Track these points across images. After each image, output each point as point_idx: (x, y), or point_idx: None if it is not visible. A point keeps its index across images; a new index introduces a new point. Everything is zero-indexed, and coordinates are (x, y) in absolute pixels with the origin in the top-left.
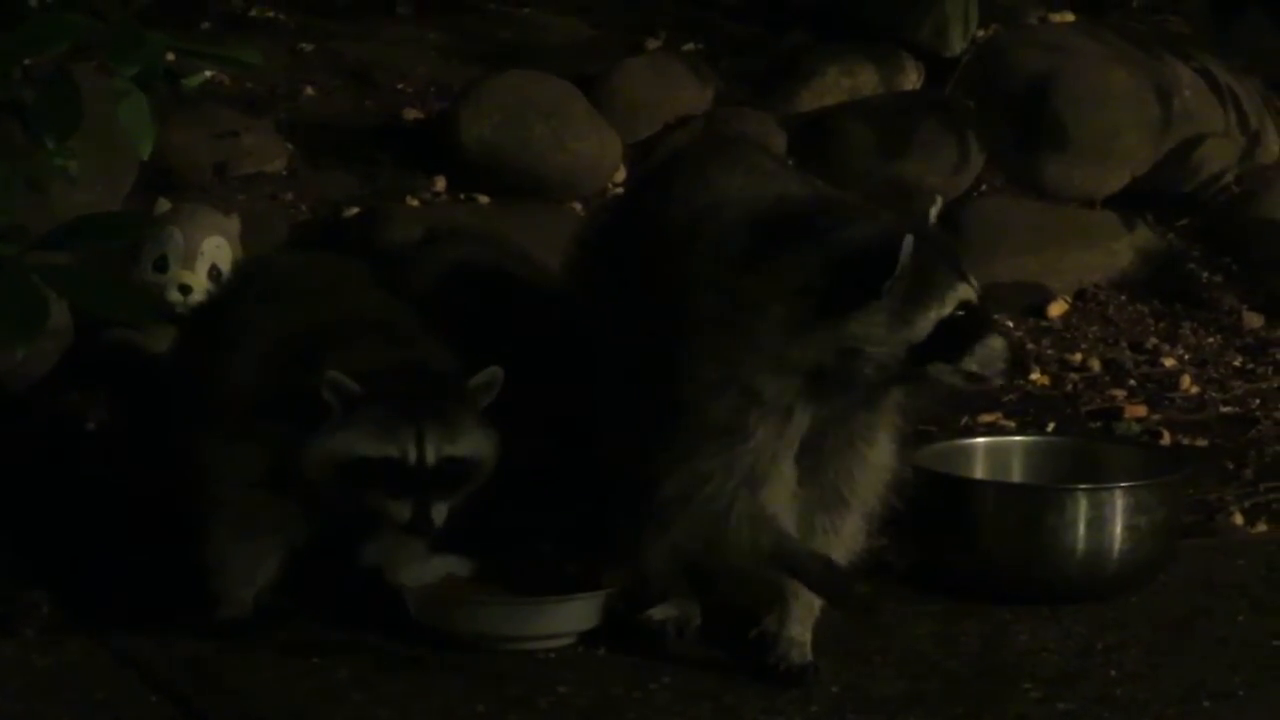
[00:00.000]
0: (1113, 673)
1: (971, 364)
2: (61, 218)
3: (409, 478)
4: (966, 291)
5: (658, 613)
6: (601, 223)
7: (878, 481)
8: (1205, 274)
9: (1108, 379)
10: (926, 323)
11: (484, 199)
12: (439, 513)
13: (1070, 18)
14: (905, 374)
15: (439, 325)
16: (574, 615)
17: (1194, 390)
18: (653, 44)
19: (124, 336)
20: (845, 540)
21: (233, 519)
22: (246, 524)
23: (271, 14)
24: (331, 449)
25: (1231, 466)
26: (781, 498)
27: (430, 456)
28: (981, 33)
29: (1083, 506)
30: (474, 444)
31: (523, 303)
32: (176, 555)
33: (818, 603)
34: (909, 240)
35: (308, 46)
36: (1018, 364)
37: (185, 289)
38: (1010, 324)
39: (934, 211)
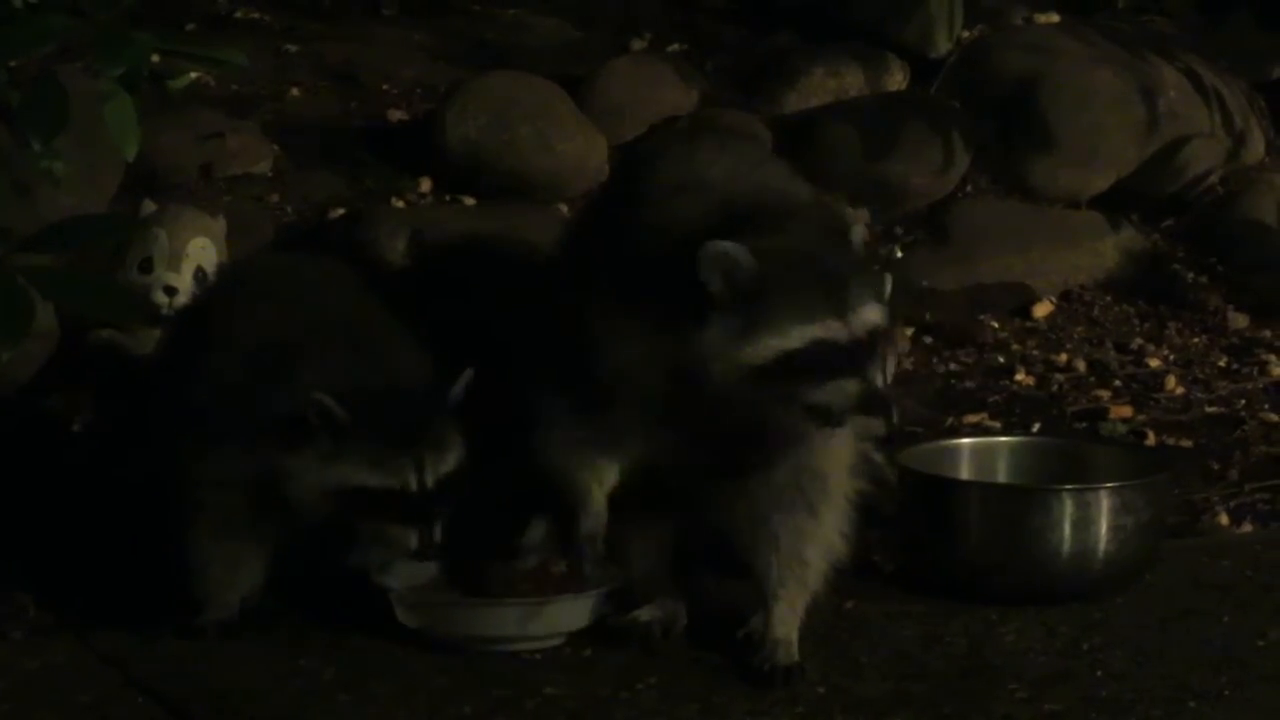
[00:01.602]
0: (1099, 673)
1: (813, 398)
2: (47, 219)
3: (411, 506)
4: (825, 330)
5: (644, 614)
6: (589, 206)
7: (837, 478)
8: (1190, 274)
9: (1093, 379)
10: (765, 349)
11: (469, 200)
12: (439, 531)
13: (1055, 18)
14: (749, 394)
15: (422, 329)
16: (560, 616)
17: (1179, 391)
18: (638, 45)
19: (109, 338)
20: (807, 538)
21: (215, 522)
22: (229, 527)
23: (256, 15)
24: (325, 477)
25: (1217, 467)
26: (606, 463)
27: (430, 482)
28: (967, 33)
29: (1068, 507)
30: (459, 455)
31: (510, 300)
32: (162, 557)
33: (803, 604)
34: (706, 250)
35: (293, 48)
36: (872, 407)
37: (170, 290)
38: (995, 324)
39: (857, 233)
